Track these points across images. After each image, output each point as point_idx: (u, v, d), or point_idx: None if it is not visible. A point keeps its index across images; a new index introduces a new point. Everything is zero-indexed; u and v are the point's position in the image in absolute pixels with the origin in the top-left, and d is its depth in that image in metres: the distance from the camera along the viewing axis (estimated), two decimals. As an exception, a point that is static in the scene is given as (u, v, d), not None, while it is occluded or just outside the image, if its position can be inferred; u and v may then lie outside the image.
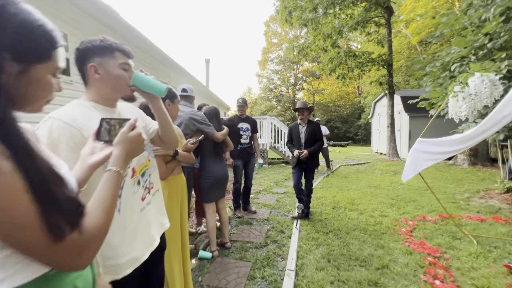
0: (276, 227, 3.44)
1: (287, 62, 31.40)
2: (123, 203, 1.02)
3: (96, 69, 1.00)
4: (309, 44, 10.04)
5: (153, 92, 1.13)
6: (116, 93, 1.08)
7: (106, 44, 1.03)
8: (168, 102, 1.71)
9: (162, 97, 1.18)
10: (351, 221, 3.62)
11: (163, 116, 1.22)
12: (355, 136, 28.43)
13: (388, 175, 7.31)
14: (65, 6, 3.29)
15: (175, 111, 1.76)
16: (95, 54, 1.00)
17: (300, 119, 3.76)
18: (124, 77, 1.06)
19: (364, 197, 4.90)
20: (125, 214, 1.02)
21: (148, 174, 1.20)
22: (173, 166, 1.66)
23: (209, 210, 2.72)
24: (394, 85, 9.71)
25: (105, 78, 1.02)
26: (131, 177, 1.08)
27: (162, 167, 1.59)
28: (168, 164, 1.64)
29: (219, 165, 2.73)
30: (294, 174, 3.81)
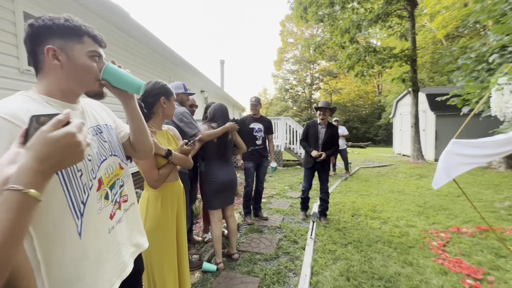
0: (288, 236, 3.16)
1: (303, 62, 30.84)
2: (85, 224, 0.80)
3: (56, 53, 0.79)
4: (326, 41, 9.63)
5: (128, 88, 0.93)
6: (79, 87, 0.88)
7: (73, 25, 0.83)
8: (164, 100, 1.50)
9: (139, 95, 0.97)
10: (373, 231, 3.26)
11: (137, 119, 1.01)
12: (375, 136, 27.32)
13: (413, 178, 6.76)
14: (72, 5, 3.22)
15: (171, 110, 1.55)
16: (56, 35, 0.80)
17: (320, 119, 3.57)
18: (93, 68, 0.87)
19: (387, 203, 4.48)
20: (87, 239, 0.81)
21: (119, 185, 0.98)
22: (167, 172, 1.44)
23: (213, 218, 2.50)
24: (418, 82, 9.06)
25: (67, 66, 0.82)
26: (96, 190, 0.87)
27: (153, 174, 1.38)
28: (162, 169, 1.43)
29: (225, 169, 2.50)
30: (306, 177, 3.67)
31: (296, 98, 31.51)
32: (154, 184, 1.40)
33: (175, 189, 1.55)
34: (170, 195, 1.51)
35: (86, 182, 0.82)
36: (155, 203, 1.45)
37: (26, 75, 2.67)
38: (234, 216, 2.68)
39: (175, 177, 1.59)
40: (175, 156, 1.47)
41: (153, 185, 1.40)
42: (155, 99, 1.49)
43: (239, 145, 2.67)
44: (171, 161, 1.45)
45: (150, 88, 1.49)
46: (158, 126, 1.53)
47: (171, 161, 1.45)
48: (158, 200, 1.45)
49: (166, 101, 1.51)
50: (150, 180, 1.39)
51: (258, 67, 74.03)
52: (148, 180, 1.39)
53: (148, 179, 1.38)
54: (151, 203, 1.45)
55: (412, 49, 8.77)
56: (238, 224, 3.45)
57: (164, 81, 1.56)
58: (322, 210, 3.66)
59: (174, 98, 1.58)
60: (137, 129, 1.03)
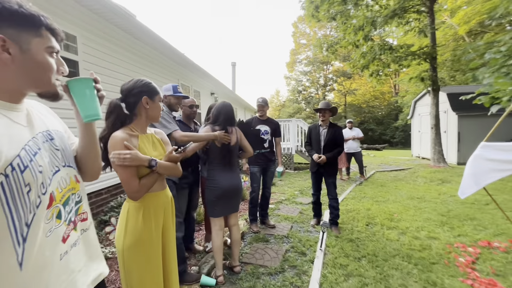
0: (296, 246, 2.93)
1: (316, 63, 30.36)
2: (27, 251, 0.65)
3: (6, 45, 0.65)
4: (338, 40, 9.30)
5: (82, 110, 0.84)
6: (34, 86, 0.75)
7: (29, 13, 0.68)
8: (146, 100, 1.34)
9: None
10: (390, 243, 2.96)
11: (90, 134, 0.89)
12: (392, 138, 26.33)
13: (433, 184, 6.30)
14: (72, 6, 3.18)
15: (155, 111, 1.39)
16: (7, 21, 0.65)
17: (321, 121, 3.44)
18: (51, 67, 0.74)
19: (406, 211, 4.13)
20: (30, 270, 0.65)
21: (75, 201, 0.82)
22: (150, 182, 1.28)
23: (215, 226, 2.32)
24: (439, 81, 8.53)
25: (21, 61, 0.68)
26: (46, 208, 0.71)
27: (133, 184, 1.22)
28: (144, 179, 1.26)
29: (228, 174, 2.31)
30: (313, 181, 3.56)
31: (309, 100, 31.02)
32: (134, 196, 1.23)
33: (160, 199, 1.38)
34: (155, 206, 1.34)
35: (34, 199, 0.67)
36: (136, 215, 1.29)
37: None
38: (238, 225, 2.49)
39: (162, 186, 1.42)
40: (160, 164, 1.30)
41: (132, 196, 1.24)
42: (137, 99, 1.32)
43: (245, 148, 2.48)
44: (155, 171, 1.28)
45: (131, 86, 1.33)
46: (142, 129, 1.37)
47: (156, 171, 1.28)
48: (139, 212, 1.29)
49: (149, 101, 1.35)
50: (129, 191, 1.23)
51: (270, 69, 73.95)
52: (127, 191, 1.23)
53: (127, 190, 1.22)
54: (131, 215, 1.29)
55: (432, 46, 8.28)
56: (243, 232, 3.26)
57: (149, 79, 1.40)
58: (332, 219, 3.42)
59: (160, 98, 1.41)
60: (87, 145, 0.89)
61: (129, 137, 1.25)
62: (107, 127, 1.27)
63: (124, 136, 1.22)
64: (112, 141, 1.20)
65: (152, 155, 1.31)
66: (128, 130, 1.30)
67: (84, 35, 3.39)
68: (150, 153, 1.32)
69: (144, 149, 1.30)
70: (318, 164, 3.34)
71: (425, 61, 8.35)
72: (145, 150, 1.30)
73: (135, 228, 1.26)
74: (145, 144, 1.34)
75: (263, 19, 74.03)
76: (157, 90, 1.39)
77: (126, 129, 1.29)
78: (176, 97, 2.31)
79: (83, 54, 3.36)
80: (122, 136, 1.22)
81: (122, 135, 1.22)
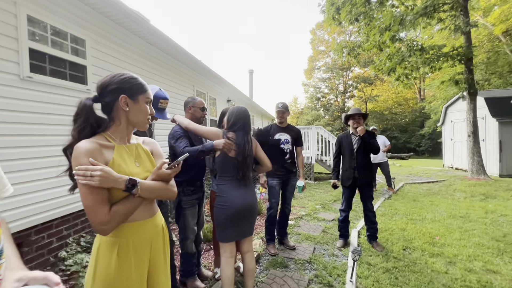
0: (321, 276, 2.47)
1: (335, 69, 29.68)
2: None
3: None
4: (361, 43, 8.78)
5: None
6: None
7: None
8: (125, 99, 1.01)
9: None
10: (437, 277, 2.43)
11: None
12: (418, 147, 24.85)
13: (476, 199, 5.54)
14: (82, 9, 3.04)
15: (138, 115, 1.05)
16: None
17: (353, 129, 3.10)
18: None
19: (449, 234, 3.53)
20: None
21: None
22: (125, 210, 0.93)
23: (224, 253, 1.94)
24: (476, 84, 7.73)
25: None
26: None
27: (99, 213, 0.88)
28: (116, 205, 0.92)
29: (242, 191, 1.94)
30: (346, 196, 3.18)
31: (328, 107, 30.24)
32: (101, 229, 0.89)
33: (144, 231, 1.03)
34: (136, 241, 1.00)
35: None
36: (108, 254, 0.95)
37: (27, 82, 2.46)
38: (252, 252, 2.09)
39: (148, 212, 1.07)
40: (144, 186, 0.96)
41: (99, 229, 0.89)
42: (113, 98, 1.00)
43: (262, 161, 2.10)
44: (136, 195, 0.95)
45: (106, 81, 1.01)
46: (122, 137, 1.05)
47: (137, 195, 0.95)
48: (113, 250, 0.95)
49: (129, 101, 1.02)
50: (94, 221, 0.88)
51: (287, 76, 73.77)
52: (92, 221, 0.89)
53: (91, 220, 0.88)
54: (102, 254, 0.95)
55: (467, 46, 7.54)
56: (258, 255, 2.86)
57: (135, 74, 1.08)
58: (372, 234, 3.15)
59: (147, 99, 1.07)
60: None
61: (100, 148, 0.94)
62: (72, 135, 0.96)
63: (91, 147, 0.91)
64: (74, 153, 0.89)
65: (132, 172, 0.98)
66: (102, 139, 0.98)
67: (93, 38, 3.24)
68: (130, 170, 0.99)
69: (121, 165, 0.98)
70: (353, 176, 3.04)
71: (459, 63, 7.61)
72: (122, 166, 0.98)
73: (107, 273, 0.92)
74: (123, 158, 1.01)
75: (281, 26, 74.55)
76: (142, 88, 1.06)
77: (99, 138, 0.98)
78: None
79: (92, 59, 3.21)
80: (89, 147, 0.90)
81: (89, 146, 0.91)
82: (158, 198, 1.06)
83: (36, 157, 2.49)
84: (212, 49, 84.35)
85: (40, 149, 2.54)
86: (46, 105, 2.62)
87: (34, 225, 2.48)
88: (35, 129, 2.51)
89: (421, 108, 25.21)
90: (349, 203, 3.17)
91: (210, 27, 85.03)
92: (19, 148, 2.38)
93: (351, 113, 3.08)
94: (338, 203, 5.31)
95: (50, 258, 2.58)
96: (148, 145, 1.15)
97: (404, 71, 7.96)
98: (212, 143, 1.88)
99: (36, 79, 2.51)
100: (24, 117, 2.42)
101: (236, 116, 1.96)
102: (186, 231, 2.11)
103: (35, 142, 2.50)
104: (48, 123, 2.63)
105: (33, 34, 2.52)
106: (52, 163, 2.59)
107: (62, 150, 0.96)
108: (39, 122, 2.54)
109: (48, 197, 2.58)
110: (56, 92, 2.72)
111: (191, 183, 2.15)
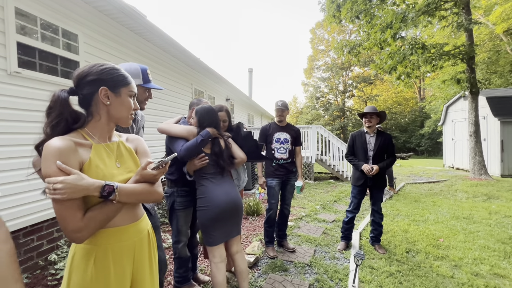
0: (322, 280, 2.37)
1: (335, 69, 29.58)
2: None
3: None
4: (361, 42, 8.67)
5: None
6: None
7: None
8: (106, 92, 0.90)
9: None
10: (443, 282, 2.33)
11: None
12: (417, 146, 24.81)
13: (478, 199, 5.45)
14: (74, 2, 2.93)
15: (119, 109, 0.94)
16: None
17: (367, 127, 3.01)
18: None
19: (453, 235, 3.44)
20: None
21: None
22: (101, 216, 0.83)
23: (214, 258, 1.81)
24: (478, 83, 7.64)
25: None
26: None
27: (71, 219, 0.77)
28: (91, 211, 0.82)
29: (223, 187, 1.82)
30: (355, 197, 3.06)
31: (327, 107, 30.14)
32: (73, 236, 0.78)
33: (127, 237, 0.93)
34: (116, 249, 0.89)
35: None
36: (84, 264, 0.84)
37: (15, 78, 2.35)
38: (242, 252, 1.97)
39: (131, 216, 0.96)
40: (123, 191, 0.85)
41: (72, 237, 0.78)
42: (92, 90, 0.90)
43: (235, 154, 1.95)
44: (115, 200, 0.84)
45: (85, 72, 0.90)
46: (102, 135, 0.94)
47: (116, 200, 0.84)
48: (89, 259, 0.84)
49: (110, 94, 0.91)
50: (66, 229, 0.78)
51: (287, 75, 73.64)
52: (64, 228, 0.78)
53: (62, 228, 0.78)
54: (76, 264, 0.85)
55: (469, 44, 7.45)
56: (257, 257, 2.76)
57: (117, 65, 0.97)
58: (376, 236, 3.05)
59: (131, 92, 0.96)
60: None
61: (75, 146, 0.83)
62: (44, 131, 0.85)
63: (63, 145, 0.79)
64: (44, 153, 0.78)
65: (113, 174, 0.88)
66: (78, 137, 0.88)
67: (86, 33, 3.13)
68: (109, 171, 0.88)
69: (98, 166, 0.87)
70: (365, 176, 2.93)
71: (461, 61, 7.52)
72: (100, 166, 0.87)
73: (82, 285, 0.82)
74: (102, 157, 0.90)
75: (280, 26, 74.38)
76: (124, 80, 0.95)
77: (75, 135, 0.87)
78: (144, 88, 1.58)
79: (85, 54, 3.10)
80: (60, 145, 0.79)
81: (61, 144, 0.79)
82: (141, 202, 0.95)
83: (25, 156, 2.38)
84: (212, 47, 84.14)
85: (29, 148, 2.43)
86: (36, 101, 2.51)
87: (23, 227, 2.38)
88: (24, 126, 2.40)
89: (421, 108, 25.17)
90: (358, 205, 3.06)
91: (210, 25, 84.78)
92: (7, 146, 2.28)
93: (365, 111, 2.99)
94: (339, 203, 5.21)
95: (40, 261, 2.48)
96: (132, 143, 1.05)
97: (405, 69, 7.86)
98: (206, 130, 1.78)
99: (25, 75, 2.40)
100: (12, 114, 2.32)
101: (200, 115, 1.85)
102: (178, 234, 2.01)
103: (23, 141, 2.39)
104: (38, 121, 2.52)
105: (22, 28, 2.41)
106: (41, 162, 2.48)
107: (34, 147, 0.85)
108: (28, 120, 2.44)
109: (38, 198, 2.47)
110: (47, 89, 2.61)
111: (187, 183, 2.04)
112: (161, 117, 4.62)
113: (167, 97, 4.92)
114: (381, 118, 3.03)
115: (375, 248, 3.03)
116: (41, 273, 2.43)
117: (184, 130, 1.84)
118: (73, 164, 0.80)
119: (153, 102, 4.45)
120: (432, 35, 13.43)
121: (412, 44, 6.90)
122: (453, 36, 11.94)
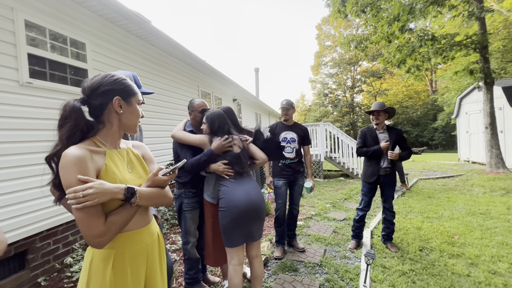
0: (333, 280, 2.35)
1: (342, 64, 29.16)
2: None
3: None
4: (368, 36, 8.50)
5: None
6: None
7: None
8: (119, 101, 0.94)
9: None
10: (459, 280, 2.26)
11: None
12: (430, 140, 24.14)
13: (496, 194, 5.26)
14: (81, 12, 3.01)
15: (131, 118, 0.99)
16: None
17: (375, 124, 2.98)
18: None
19: (469, 232, 3.33)
20: None
21: None
22: (122, 220, 0.86)
23: (232, 260, 1.82)
24: (492, 73, 7.35)
25: None
26: None
27: (94, 225, 0.80)
28: (112, 215, 0.85)
29: (244, 187, 1.83)
30: (365, 194, 3.01)
31: (336, 103, 29.77)
32: (96, 242, 0.81)
33: (141, 241, 0.96)
34: (132, 252, 0.92)
35: None
36: (102, 269, 0.87)
37: (27, 88, 2.43)
38: (260, 257, 1.97)
39: (144, 220, 1.00)
40: (141, 194, 0.89)
41: (95, 242, 0.81)
42: (105, 100, 0.93)
43: (255, 155, 1.97)
44: (134, 204, 0.87)
45: (96, 82, 0.93)
46: (113, 142, 0.98)
47: (135, 203, 0.88)
48: (108, 264, 0.87)
49: (123, 103, 0.95)
50: (89, 235, 0.80)
51: (294, 73, 73.13)
52: (86, 235, 0.81)
53: (86, 235, 0.80)
54: (95, 270, 0.88)
55: (482, 33, 7.18)
56: (267, 258, 2.76)
57: (122, 75, 1.00)
58: (388, 234, 3.01)
59: (139, 100, 1.02)
60: None
61: (91, 155, 0.86)
62: (60, 140, 0.88)
63: (80, 154, 0.82)
64: (62, 163, 0.81)
65: (126, 179, 0.91)
66: (92, 145, 0.91)
67: (94, 41, 3.21)
68: (123, 176, 0.92)
69: (114, 171, 0.90)
70: (377, 173, 2.90)
71: (474, 52, 7.26)
72: (116, 172, 0.90)
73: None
74: (116, 163, 0.93)
75: (286, 23, 73.96)
76: (134, 90, 1.00)
77: (88, 143, 0.90)
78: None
79: (93, 62, 3.17)
80: (78, 155, 0.82)
81: (79, 153, 0.82)
82: (155, 205, 0.99)
83: (38, 163, 2.47)
84: (217, 48, 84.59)
85: (43, 155, 2.52)
86: (48, 110, 2.59)
87: (39, 231, 2.47)
88: (37, 135, 2.49)
89: (433, 101, 24.46)
90: (369, 202, 3.02)
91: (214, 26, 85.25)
92: (22, 155, 2.37)
93: (372, 109, 2.97)
94: (349, 201, 5.14)
95: (56, 264, 2.56)
96: (138, 149, 1.08)
97: (415, 62, 7.65)
98: (209, 149, 1.82)
99: (36, 85, 2.49)
100: (25, 123, 2.40)
101: (210, 121, 1.91)
102: (187, 235, 2.04)
103: (37, 148, 2.47)
104: (50, 129, 2.60)
105: (32, 39, 2.49)
106: (55, 169, 2.56)
107: (45, 159, 0.88)
108: (40, 128, 2.52)
109: (51, 203, 2.55)
110: (58, 97, 2.69)
111: (194, 185, 2.06)
112: (169, 120, 4.69)
113: (174, 100, 4.98)
114: (389, 114, 2.98)
115: (387, 246, 2.98)
116: (58, 275, 2.51)
117: (197, 139, 1.92)
118: (91, 171, 0.84)
119: (160, 106, 4.52)
120: (442, 25, 13.01)
121: (421, 36, 6.70)
122: (465, 25, 11.51)
